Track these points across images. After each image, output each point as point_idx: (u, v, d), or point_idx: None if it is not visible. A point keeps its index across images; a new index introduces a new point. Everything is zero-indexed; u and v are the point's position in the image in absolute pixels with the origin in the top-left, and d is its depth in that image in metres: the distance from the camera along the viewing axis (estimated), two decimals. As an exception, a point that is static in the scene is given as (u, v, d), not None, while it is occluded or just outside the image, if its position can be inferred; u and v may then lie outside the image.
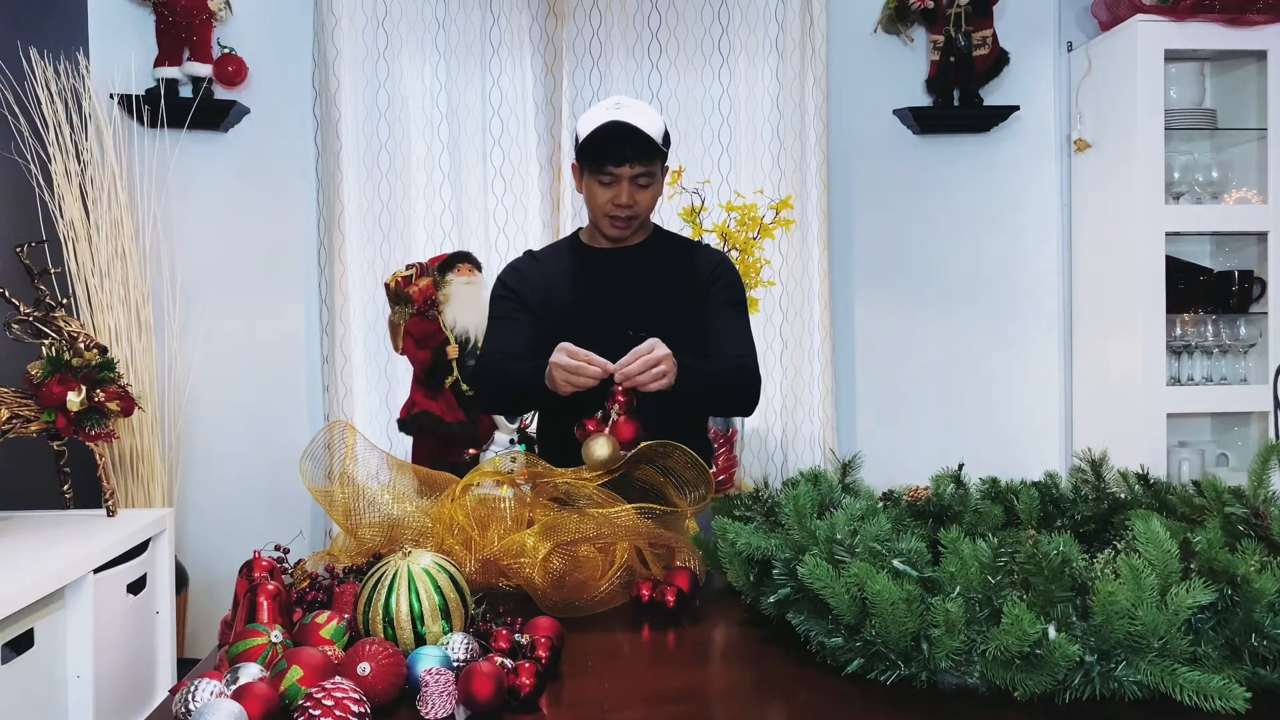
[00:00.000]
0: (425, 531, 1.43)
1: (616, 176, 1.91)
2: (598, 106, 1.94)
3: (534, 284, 2.03)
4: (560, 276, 2.03)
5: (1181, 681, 0.96)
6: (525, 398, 2.00)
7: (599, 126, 1.87)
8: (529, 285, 2.03)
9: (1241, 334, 3.19)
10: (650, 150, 1.90)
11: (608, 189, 1.93)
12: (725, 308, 2.02)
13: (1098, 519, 1.42)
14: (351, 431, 1.52)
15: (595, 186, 1.94)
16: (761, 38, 3.31)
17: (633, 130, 1.87)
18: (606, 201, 1.94)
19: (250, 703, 0.95)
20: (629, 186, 1.92)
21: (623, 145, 1.88)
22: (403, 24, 3.20)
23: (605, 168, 1.91)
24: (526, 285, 2.03)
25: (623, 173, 1.91)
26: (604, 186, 1.93)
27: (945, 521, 1.41)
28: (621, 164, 1.90)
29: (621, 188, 1.92)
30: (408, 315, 2.82)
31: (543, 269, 2.06)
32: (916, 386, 3.45)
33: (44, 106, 2.71)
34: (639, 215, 1.97)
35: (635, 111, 1.90)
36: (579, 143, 1.94)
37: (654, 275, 2.01)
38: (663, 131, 1.94)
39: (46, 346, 2.09)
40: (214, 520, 3.17)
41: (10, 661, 1.70)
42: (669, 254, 2.06)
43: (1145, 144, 3.05)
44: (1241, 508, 1.20)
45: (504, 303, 2.04)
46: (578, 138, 1.96)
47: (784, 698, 1.08)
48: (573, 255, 2.07)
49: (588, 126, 1.91)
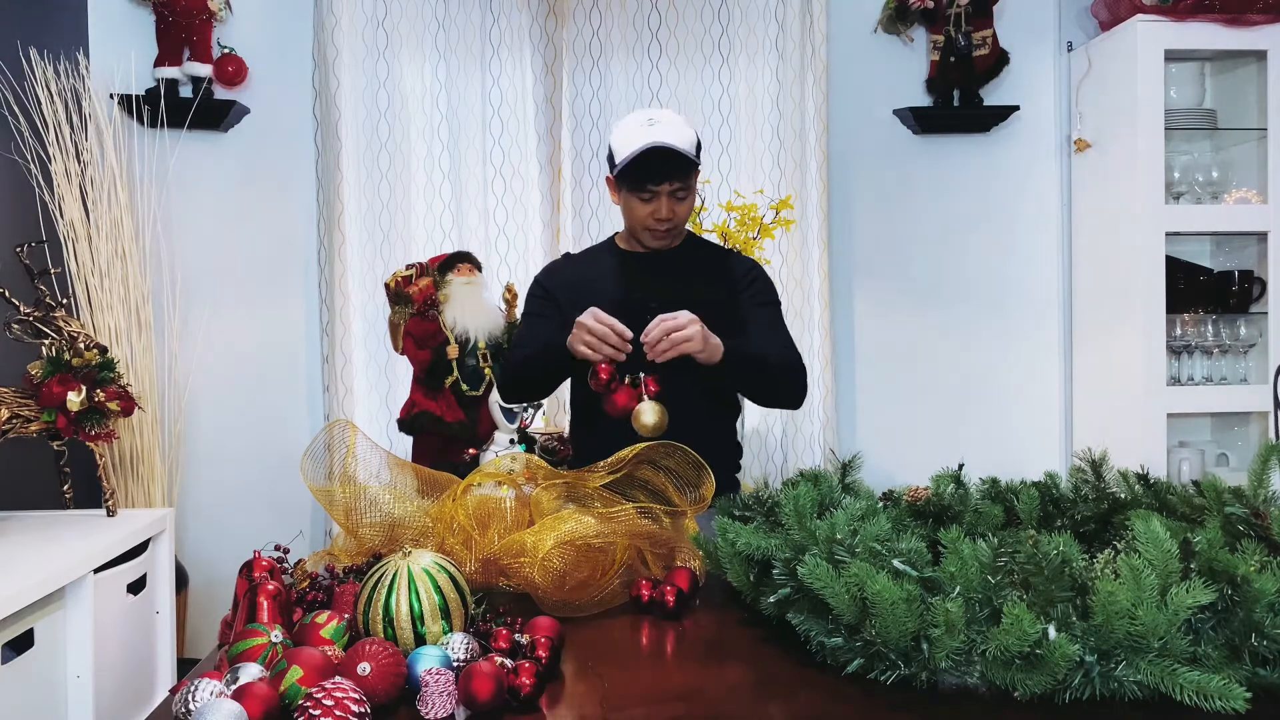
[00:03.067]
0: (425, 531, 1.43)
1: (656, 193, 1.97)
2: (630, 123, 1.99)
3: (569, 284, 2.08)
4: (598, 279, 2.08)
5: (1181, 681, 0.96)
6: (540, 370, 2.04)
7: (638, 152, 1.92)
8: (563, 285, 2.08)
9: (1241, 334, 3.19)
10: (687, 166, 1.96)
11: (647, 204, 1.99)
12: (761, 308, 2.09)
13: (1098, 519, 1.42)
14: (353, 430, 1.52)
15: (635, 202, 2.00)
16: (761, 38, 3.31)
17: (670, 151, 1.92)
18: (647, 215, 2.00)
19: (250, 703, 0.95)
20: (668, 201, 1.98)
21: (662, 166, 1.94)
22: (403, 24, 3.20)
23: (645, 186, 1.96)
24: (560, 285, 2.09)
25: (662, 189, 1.97)
26: (644, 202, 1.99)
27: (945, 521, 1.41)
28: (661, 182, 1.96)
29: (661, 203, 1.98)
30: (408, 315, 2.82)
31: (578, 271, 2.12)
32: (916, 386, 3.45)
33: (44, 106, 2.71)
34: (678, 226, 2.04)
35: (670, 129, 1.94)
36: (615, 163, 1.99)
37: (690, 278, 2.07)
38: (696, 142, 2.00)
39: (46, 346, 2.09)
40: (214, 520, 3.17)
41: (10, 661, 1.70)
42: (704, 259, 2.13)
43: (1145, 144, 3.05)
44: (1241, 508, 1.20)
45: (535, 301, 2.12)
46: (612, 156, 2.01)
47: (784, 698, 1.07)
48: (610, 259, 2.13)
49: (625, 148, 1.95)
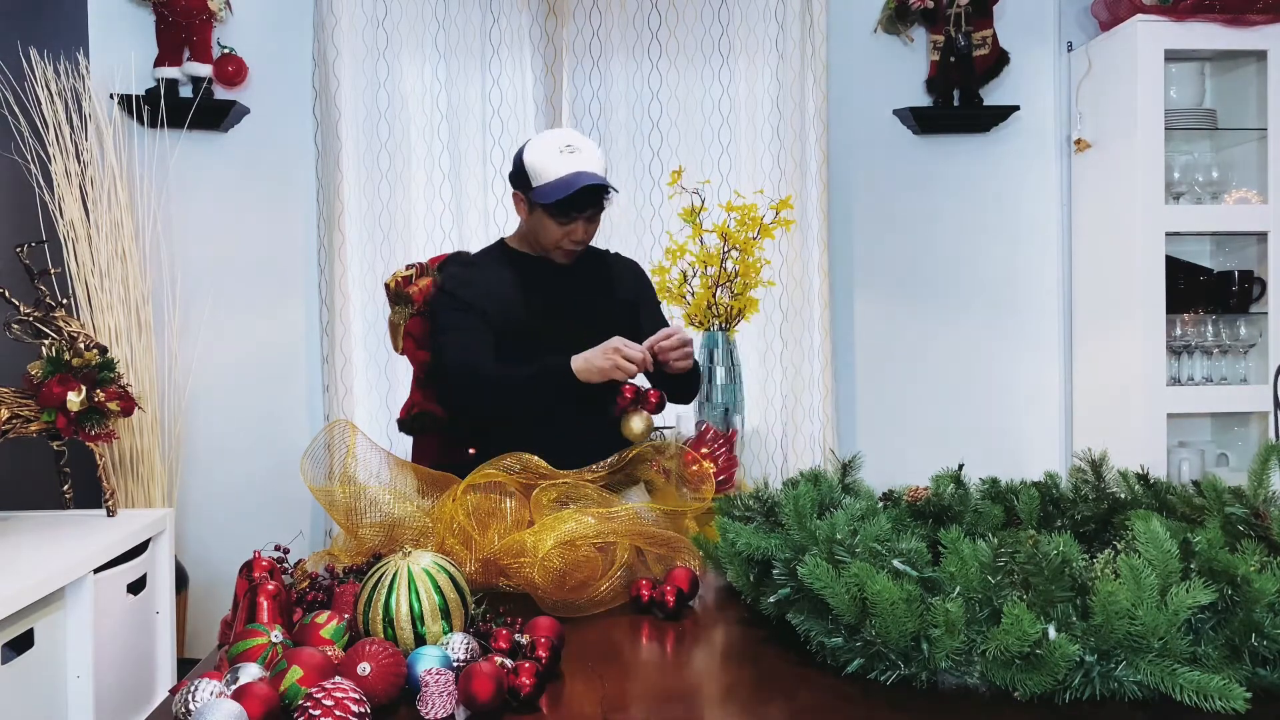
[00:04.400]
0: (425, 531, 1.43)
1: (575, 218, 2.01)
2: (548, 146, 1.99)
3: (479, 290, 2.07)
4: (501, 284, 2.09)
5: (1181, 682, 0.96)
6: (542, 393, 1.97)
7: (564, 183, 1.93)
8: (476, 292, 2.07)
9: (1241, 334, 3.19)
10: (604, 193, 1.99)
11: (564, 226, 2.01)
12: (657, 309, 2.25)
13: (1098, 519, 1.42)
14: (353, 430, 1.52)
15: (550, 223, 2.01)
16: (761, 38, 3.31)
17: (596, 184, 1.94)
18: (562, 237, 2.03)
19: (250, 703, 0.95)
20: (584, 224, 2.03)
21: (585, 197, 1.96)
22: (403, 24, 3.20)
23: (570, 215, 1.99)
24: (478, 295, 2.07)
25: (581, 216, 2.01)
26: (560, 225, 2.01)
27: (945, 521, 1.41)
28: (586, 211, 2.00)
29: (578, 226, 2.02)
30: (408, 315, 2.81)
31: (487, 277, 2.11)
32: (917, 386, 3.45)
33: (44, 106, 2.71)
34: (588, 242, 2.09)
35: (590, 157, 1.97)
36: (530, 182, 1.99)
37: (588, 283, 2.13)
38: (606, 166, 2.06)
39: (46, 346, 2.09)
40: (214, 520, 3.17)
41: (10, 661, 1.70)
42: (594, 263, 2.19)
43: (1145, 144, 3.05)
44: (1241, 508, 1.20)
45: (456, 314, 2.06)
46: (524, 172, 2.00)
47: (784, 698, 1.07)
48: (509, 263, 2.13)
49: (546, 174, 1.96)
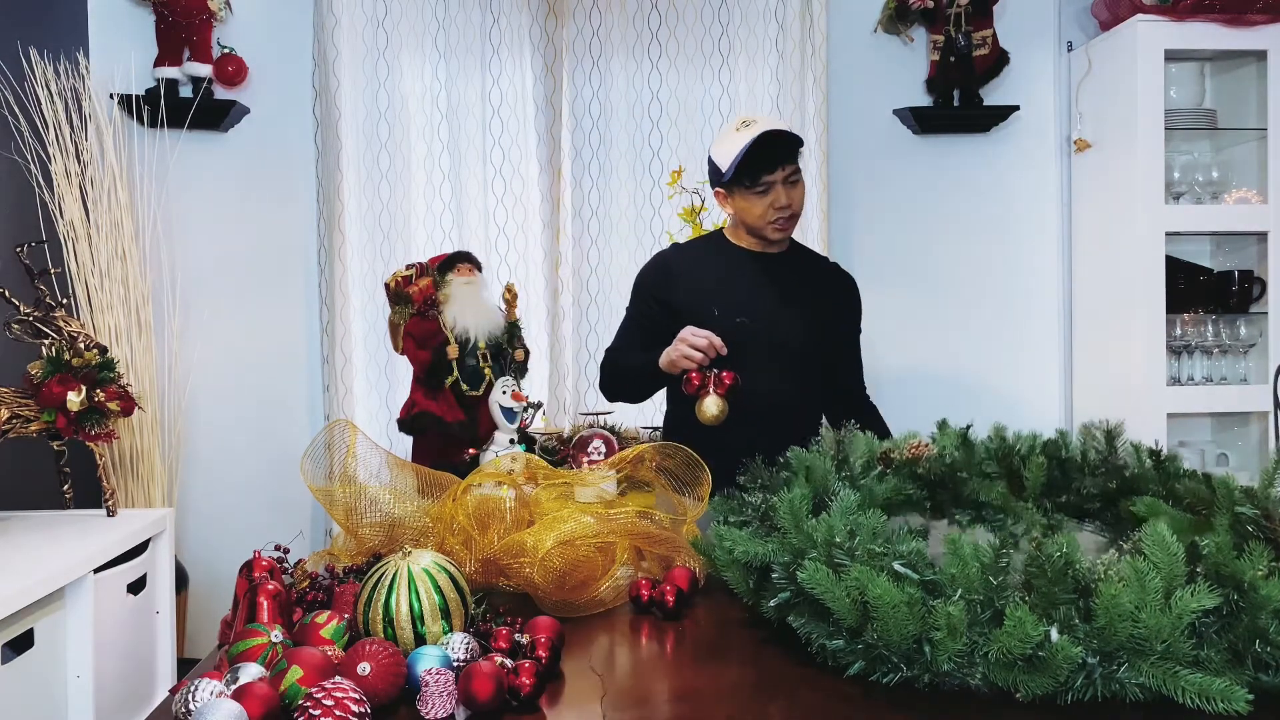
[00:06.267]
0: (425, 531, 1.43)
1: (770, 184, 2.03)
2: (724, 132, 2.09)
3: (676, 278, 2.15)
4: (706, 274, 2.14)
5: (1183, 684, 0.96)
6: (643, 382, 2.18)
7: (749, 147, 1.99)
8: (670, 279, 2.16)
9: (1241, 334, 3.19)
10: (795, 145, 2.03)
11: (764, 197, 2.05)
12: (855, 337, 2.28)
13: (1105, 497, 1.41)
14: (353, 430, 1.52)
15: (751, 199, 2.06)
16: (761, 38, 3.31)
17: (777, 134, 1.99)
18: (767, 208, 2.06)
19: (250, 703, 0.95)
20: (784, 188, 2.05)
21: (771, 153, 2.00)
22: (403, 24, 3.20)
23: (760, 179, 2.03)
24: (667, 280, 2.16)
25: (776, 178, 2.03)
26: (760, 196, 2.05)
27: (946, 488, 1.39)
28: (775, 169, 2.02)
29: (778, 191, 2.04)
30: (408, 315, 2.81)
31: (687, 261, 2.18)
32: (916, 386, 3.44)
33: (44, 106, 2.71)
34: (798, 212, 2.10)
35: (767, 121, 2.03)
36: (722, 171, 2.05)
37: (799, 283, 2.16)
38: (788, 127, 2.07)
39: (46, 346, 2.09)
40: (214, 520, 3.16)
41: (10, 661, 1.70)
42: (810, 266, 2.22)
43: (1145, 144, 3.04)
44: (1252, 508, 1.19)
45: (638, 304, 2.22)
46: (716, 168, 2.07)
47: (784, 698, 1.07)
48: (719, 253, 2.18)
49: (729, 153, 2.02)
